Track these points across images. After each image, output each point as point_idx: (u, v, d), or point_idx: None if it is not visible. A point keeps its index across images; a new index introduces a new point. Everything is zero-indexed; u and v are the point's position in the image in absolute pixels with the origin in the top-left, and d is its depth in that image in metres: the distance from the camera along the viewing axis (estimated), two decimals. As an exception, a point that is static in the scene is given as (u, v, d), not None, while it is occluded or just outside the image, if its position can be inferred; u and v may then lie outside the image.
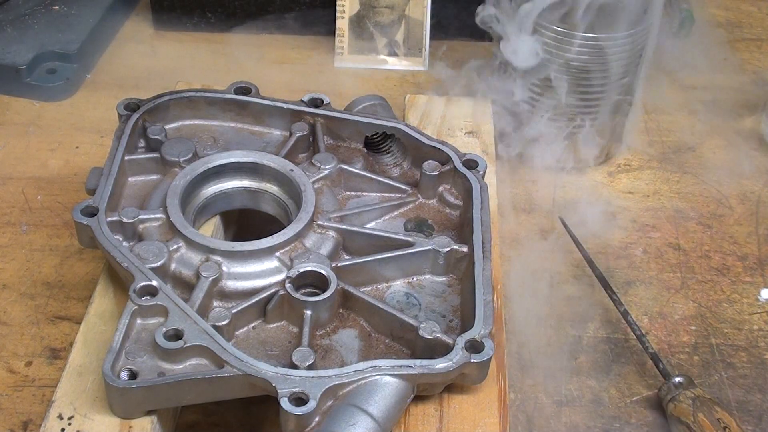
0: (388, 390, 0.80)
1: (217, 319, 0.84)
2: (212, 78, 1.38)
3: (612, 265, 1.12)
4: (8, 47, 1.35)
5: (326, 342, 0.87)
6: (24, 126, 1.30)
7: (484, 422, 0.83)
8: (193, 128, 1.06)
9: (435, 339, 0.84)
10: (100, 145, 1.26)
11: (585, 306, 1.07)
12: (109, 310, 0.91)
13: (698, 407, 0.91)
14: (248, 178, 1.01)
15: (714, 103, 1.39)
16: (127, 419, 0.81)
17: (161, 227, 0.93)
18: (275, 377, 0.79)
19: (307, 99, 1.06)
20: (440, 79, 1.33)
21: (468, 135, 1.14)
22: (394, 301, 0.91)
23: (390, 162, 1.05)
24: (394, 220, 0.99)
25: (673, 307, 1.08)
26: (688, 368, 1.01)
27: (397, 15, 1.41)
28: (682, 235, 1.18)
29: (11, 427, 0.92)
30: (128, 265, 0.87)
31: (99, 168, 0.97)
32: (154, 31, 1.49)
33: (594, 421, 0.96)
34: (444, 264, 0.93)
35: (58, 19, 1.42)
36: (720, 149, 1.32)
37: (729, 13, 1.60)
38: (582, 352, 1.02)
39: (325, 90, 1.28)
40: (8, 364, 0.98)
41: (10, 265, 1.09)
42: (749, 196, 1.24)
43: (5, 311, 1.04)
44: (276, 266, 0.90)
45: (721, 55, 1.49)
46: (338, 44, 1.43)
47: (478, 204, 0.95)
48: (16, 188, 1.19)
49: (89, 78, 1.39)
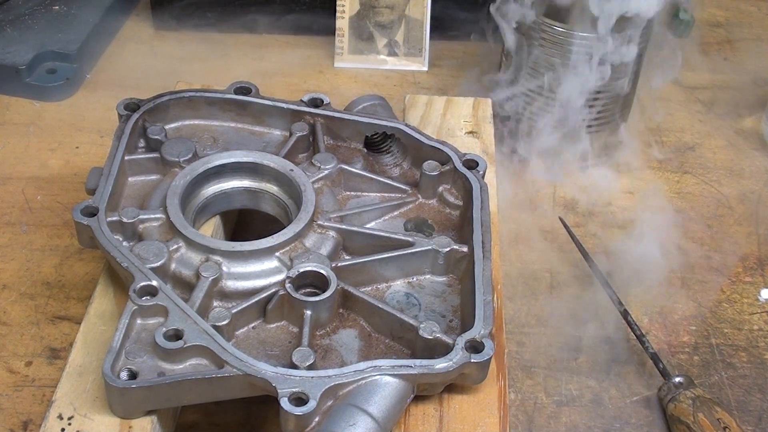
0: (388, 390, 0.80)
1: (217, 319, 0.84)
2: (212, 78, 1.38)
3: (612, 265, 1.12)
4: (8, 47, 1.35)
5: (326, 342, 0.87)
6: (24, 126, 1.30)
7: (484, 422, 0.83)
8: (193, 128, 1.06)
9: (435, 339, 0.84)
10: (100, 145, 1.26)
11: (585, 306, 1.07)
12: (109, 310, 0.91)
13: (698, 407, 0.91)
14: (248, 178, 1.01)
15: (714, 103, 1.39)
16: (127, 419, 0.81)
17: (161, 227, 0.92)
18: (275, 377, 0.79)
19: (307, 99, 1.06)
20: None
21: (468, 135, 1.14)
22: (394, 301, 0.91)
23: (390, 162, 1.05)
24: (394, 220, 0.99)
25: (673, 307, 1.08)
26: (688, 368, 1.01)
27: (397, 15, 1.41)
28: (682, 235, 1.18)
29: (11, 427, 0.92)
30: (128, 265, 0.87)
31: (99, 168, 0.97)
32: (154, 31, 1.49)
33: (594, 421, 0.96)
34: (444, 264, 0.93)
35: (58, 19, 1.42)
36: (720, 149, 1.32)
37: (729, 13, 1.60)
38: (582, 352, 1.02)
39: (325, 90, 1.28)
40: (8, 364, 0.98)
41: (10, 265, 1.09)
42: (749, 196, 1.24)
43: (5, 311, 1.04)
44: (276, 266, 0.90)
45: (721, 55, 1.49)
46: (338, 44, 1.43)
47: (478, 204, 0.95)
48: (16, 188, 1.19)
49: (89, 78, 1.39)
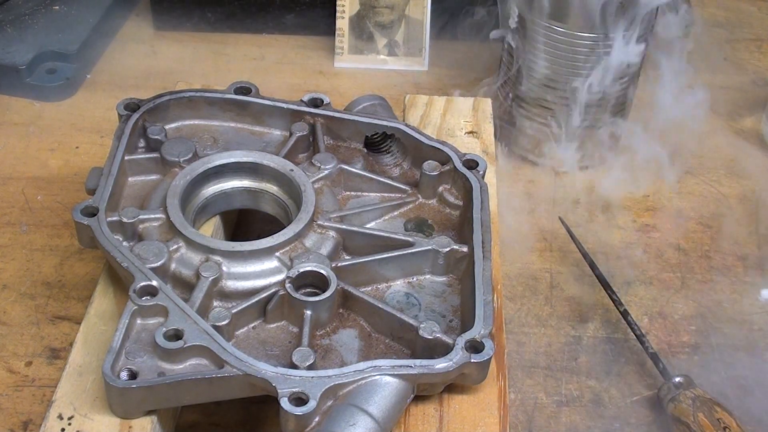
0: (388, 390, 0.80)
1: (217, 319, 0.84)
2: (212, 78, 1.38)
3: (612, 265, 1.12)
4: (8, 47, 1.35)
5: (326, 342, 0.87)
6: (24, 126, 1.30)
7: (484, 422, 0.83)
8: (193, 128, 1.06)
9: (435, 339, 0.84)
10: (100, 145, 1.26)
11: (585, 306, 1.07)
12: (109, 310, 0.91)
13: (698, 407, 0.90)
14: (248, 178, 1.01)
15: (714, 103, 1.39)
16: (127, 419, 0.81)
17: (161, 227, 0.92)
18: (275, 377, 0.79)
19: (307, 99, 1.06)
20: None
21: (468, 135, 1.14)
22: (394, 301, 0.91)
23: (390, 162, 1.05)
24: (394, 220, 0.99)
25: (673, 307, 1.08)
26: (688, 368, 1.01)
27: (397, 15, 1.41)
28: (682, 235, 1.17)
29: (11, 427, 0.92)
30: (128, 265, 0.87)
31: (99, 168, 0.97)
32: (154, 31, 1.49)
33: (594, 421, 0.96)
34: (444, 264, 0.93)
35: (58, 19, 1.42)
36: (720, 149, 1.31)
37: (729, 13, 1.60)
38: (582, 352, 1.02)
39: (325, 90, 1.28)
40: (8, 364, 0.98)
41: (10, 265, 1.09)
42: (749, 196, 1.24)
43: (5, 311, 1.04)
44: (276, 266, 0.90)
45: (721, 55, 1.49)
46: (338, 44, 1.43)
47: (478, 204, 0.95)
48: (16, 188, 1.19)
49: (89, 78, 1.39)
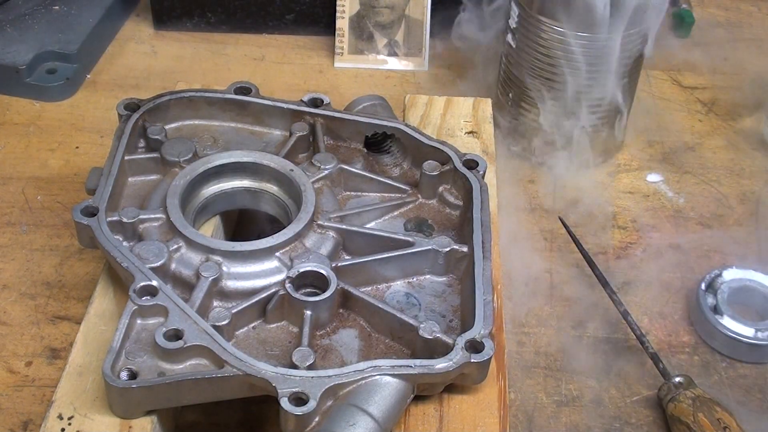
0: (388, 390, 0.80)
1: (217, 319, 0.84)
2: (212, 78, 1.38)
3: (612, 265, 1.12)
4: (8, 47, 1.35)
5: (326, 342, 0.87)
6: (24, 126, 1.30)
7: (484, 422, 0.83)
8: (193, 128, 1.06)
9: (435, 339, 0.84)
10: (100, 145, 1.26)
11: (585, 306, 1.07)
12: (109, 310, 0.91)
13: (698, 407, 0.90)
14: (248, 178, 1.01)
15: (714, 103, 1.39)
16: (127, 419, 0.81)
17: (161, 227, 0.92)
18: (275, 377, 0.79)
19: (307, 99, 1.06)
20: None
21: (468, 135, 1.13)
22: (394, 301, 0.91)
23: (390, 162, 1.05)
24: (394, 220, 0.99)
25: (673, 307, 1.08)
26: (688, 368, 1.01)
27: (397, 15, 1.41)
28: (682, 235, 1.17)
29: (11, 427, 0.92)
30: (128, 265, 0.87)
31: (99, 168, 0.97)
32: (154, 31, 1.49)
33: (594, 421, 0.96)
34: (444, 264, 0.93)
35: (58, 19, 1.42)
36: (720, 149, 1.31)
37: (729, 13, 1.60)
38: (582, 352, 1.02)
39: (325, 90, 1.28)
40: (8, 364, 0.98)
41: (10, 265, 1.09)
42: (749, 196, 1.24)
43: (5, 311, 1.04)
44: (276, 266, 0.90)
45: (721, 55, 1.49)
46: (338, 44, 1.43)
47: (478, 204, 0.95)
48: (16, 188, 1.19)
49: (89, 78, 1.39)
